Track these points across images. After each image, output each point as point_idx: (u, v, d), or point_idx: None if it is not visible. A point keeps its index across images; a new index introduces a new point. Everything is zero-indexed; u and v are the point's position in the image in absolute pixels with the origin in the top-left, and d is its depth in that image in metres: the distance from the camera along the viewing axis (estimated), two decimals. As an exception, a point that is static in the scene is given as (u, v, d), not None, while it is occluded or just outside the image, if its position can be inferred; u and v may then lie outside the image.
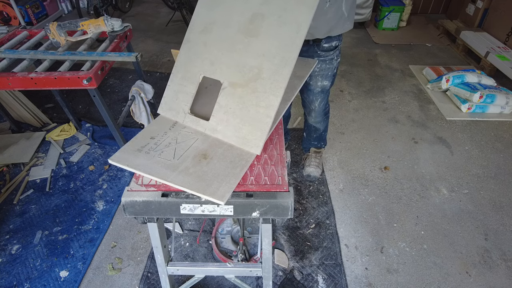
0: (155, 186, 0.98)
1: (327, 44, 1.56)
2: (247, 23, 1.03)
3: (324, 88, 1.73)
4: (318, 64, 1.62)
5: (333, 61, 1.64)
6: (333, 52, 1.61)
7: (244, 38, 1.03)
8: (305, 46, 1.55)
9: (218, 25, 1.08)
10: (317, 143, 2.15)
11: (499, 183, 2.14)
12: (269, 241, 1.14)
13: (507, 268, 1.68)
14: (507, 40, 3.37)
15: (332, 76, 1.71)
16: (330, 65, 1.64)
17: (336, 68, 1.69)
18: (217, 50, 1.08)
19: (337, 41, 1.58)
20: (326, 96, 1.82)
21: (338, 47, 1.62)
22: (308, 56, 1.60)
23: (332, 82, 1.75)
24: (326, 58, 1.61)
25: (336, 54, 1.64)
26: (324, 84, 1.71)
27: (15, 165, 2.26)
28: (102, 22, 1.86)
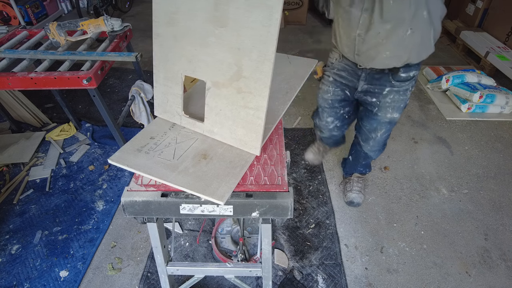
0: (155, 186, 0.98)
1: (404, 74, 1.36)
2: (213, 10, 0.91)
3: (393, 120, 1.53)
4: (390, 95, 1.43)
5: (408, 92, 1.44)
6: (409, 83, 1.40)
7: (214, 29, 0.93)
8: (378, 73, 1.40)
9: (183, 14, 0.97)
10: (363, 169, 1.96)
11: (499, 183, 2.14)
12: (269, 241, 1.14)
13: (506, 268, 1.68)
14: (507, 40, 3.37)
15: (402, 108, 1.51)
16: (403, 96, 1.44)
17: (406, 101, 1.48)
18: (190, 46, 1.00)
19: (416, 71, 1.38)
20: (391, 128, 1.61)
21: (415, 77, 1.41)
22: (380, 85, 1.43)
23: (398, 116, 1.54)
24: (400, 89, 1.41)
25: (412, 85, 1.43)
26: (394, 116, 1.51)
27: (15, 165, 2.26)
28: (102, 22, 1.86)
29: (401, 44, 1.22)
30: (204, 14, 0.93)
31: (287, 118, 2.72)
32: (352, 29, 1.28)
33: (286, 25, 4.44)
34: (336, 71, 1.53)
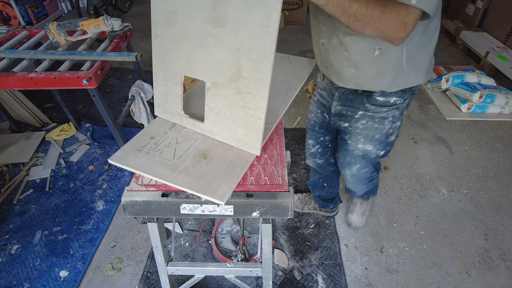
0: (155, 186, 0.98)
1: (381, 98, 1.15)
2: (211, 10, 0.90)
3: (367, 153, 1.30)
4: (362, 120, 1.22)
5: (385, 121, 1.20)
6: (388, 110, 1.18)
7: (213, 29, 0.92)
8: (352, 93, 1.21)
9: (181, 14, 0.96)
10: (364, 195, 1.66)
11: (498, 183, 2.14)
12: (269, 241, 1.14)
13: (506, 268, 1.68)
14: (506, 40, 3.37)
15: (381, 142, 1.26)
16: (379, 125, 1.21)
17: (389, 132, 1.24)
18: (189, 46, 0.99)
19: (398, 98, 1.15)
20: (369, 164, 1.37)
21: (397, 106, 1.18)
22: (353, 107, 1.23)
23: (383, 151, 1.30)
24: (375, 115, 1.19)
25: (393, 115, 1.19)
26: (367, 148, 1.28)
27: (15, 165, 2.26)
28: (102, 22, 1.86)
29: (368, 63, 1.07)
30: (202, 14, 0.93)
31: (287, 118, 2.72)
32: (318, 37, 1.16)
33: (286, 25, 4.44)
34: (320, 90, 1.38)
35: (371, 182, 1.51)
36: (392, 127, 1.23)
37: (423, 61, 1.09)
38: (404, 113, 1.24)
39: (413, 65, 1.08)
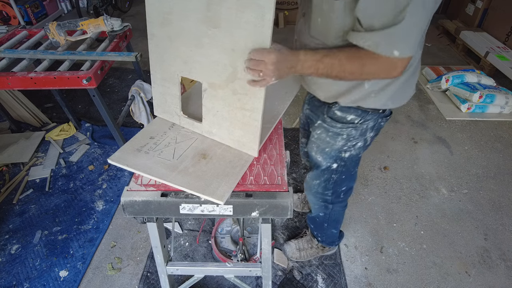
0: (155, 186, 0.98)
1: (339, 113, 1.09)
2: (205, 10, 0.89)
3: (318, 165, 1.24)
4: (318, 130, 1.18)
5: (338, 137, 1.13)
6: (343, 127, 1.10)
7: (208, 30, 0.92)
8: (317, 101, 1.16)
9: (176, 15, 0.95)
10: (313, 228, 1.59)
11: (498, 183, 2.14)
12: (269, 241, 1.14)
13: (506, 268, 1.68)
14: (506, 40, 3.37)
15: (331, 156, 1.19)
16: (331, 139, 1.15)
17: (342, 149, 1.15)
18: (185, 47, 0.99)
19: (356, 117, 1.07)
20: (320, 177, 1.27)
21: (355, 126, 1.09)
22: (316, 114, 1.21)
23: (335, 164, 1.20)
24: (330, 129, 1.13)
25: (348, 133, 1.11)
26: (318, 159, 1.22)
27: (15, 165, 2.26)
28: (101, 21, 1.86)
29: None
30: (196, 15, 0.92)
31: (286, 118, 2.72)
32: (296, 35, 1.12)
33: (286, 25, 4.44)
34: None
35: (324, 205, 1.39)
36: (347, 145, 1.14)
37: (389, 86, 0.99)
38: (368, 135, 1.13)
39: (375, 86, 0.99)
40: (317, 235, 1.61)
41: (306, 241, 1.70)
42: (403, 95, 1.05)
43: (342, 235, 1.67)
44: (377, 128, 1.14)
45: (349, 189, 1.36)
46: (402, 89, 1.02)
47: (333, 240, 1.61)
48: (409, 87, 1.05)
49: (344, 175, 1.25)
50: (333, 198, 1.36)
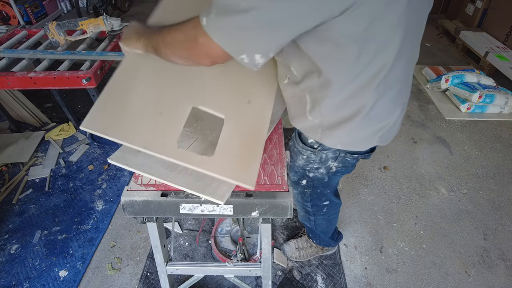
0: (155, 185, 0.98)
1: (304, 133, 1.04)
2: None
3: (290, 175, 1.23)
4: (291, 141, 1.19)
5: (299, 156, 1.12)
6: (303, 149, 1.08)
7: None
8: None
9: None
10: (308, 230, 1.62)
11: (498, 183, 2.15)
12: (269, 241, 1.14)
13: (506, 268, 1.68)
14: (506, 40, 3.37)
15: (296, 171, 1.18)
16: (294, 155, 1.15)
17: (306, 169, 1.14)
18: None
19: (316, 143, 1.03)
20: (297, 188, 1.26)
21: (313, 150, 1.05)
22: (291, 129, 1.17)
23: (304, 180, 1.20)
24: (295, 145, 1.12)
25: (308, 155, 1.08)
26: (290, 173, 1.22)
27: (14, 165, 2.25)
28: (101, 21, 1.86)
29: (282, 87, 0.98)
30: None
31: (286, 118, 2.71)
32: None
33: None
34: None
35: (306, 216, 1.39)
36: (309, 166, 1.11)
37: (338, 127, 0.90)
38: (330, 164, 1.07)
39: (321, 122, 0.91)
40: (312, 237, 1.62)
41: (305, 240, 1.70)
42: (357, 142, 0.96)
43: (340, 237, 1.66)
44: (343, 161, 1.06)
45: (333, 204, 1.32)
46: (354, 135, 0.92)
47: (328, 243, 1.62)
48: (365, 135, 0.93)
49: (317, 193, 1.23)
50: (314, 211, 1.34)
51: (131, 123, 0.78)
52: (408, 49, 0.79)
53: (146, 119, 0.79)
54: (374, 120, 0.89)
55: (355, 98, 0.82)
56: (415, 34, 0.80)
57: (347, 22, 0.65)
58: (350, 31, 0.67)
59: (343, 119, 0.88)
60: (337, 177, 1.16)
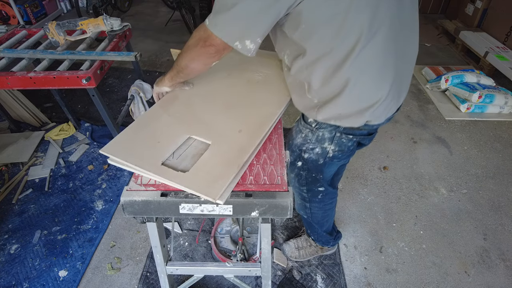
0: (154, 185, 0.98)
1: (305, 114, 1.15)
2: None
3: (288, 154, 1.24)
4: (296, 122, 1.26)
5: (298, 134, 1.19)
6: (303, 126, 1.16)
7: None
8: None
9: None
10: (306, 227, 1.64)
11: (497, 183, 2.15)
12: (268, 241, 1.14)
13: (505, 268, 1.68)
14: (506, 40, 3.37)
15: (292, 151, 1.23)
16: (294, 133, 1.22)
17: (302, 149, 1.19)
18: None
19: (314, 122, 1.11)
20: (293, 171, 1.30)
21: (311, 128, 1.13)
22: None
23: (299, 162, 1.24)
24: (298, 123, 1.21)
25: (306, 134, 1.15)
26: (287, 149, 1.25)
27: (14, 165, 2.25)
28: (101, 21, 1.86)
29: (285, 74, 1.12)
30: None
31: (286, 118, 2.72)
32: None
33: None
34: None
35: (302, 203, 1.41)
36: (305, 146, 1.17)
37: (327, 102, 1.00)
38: (326, 145, 1.12)
39: (318, 100, 1.02)
40: (310, 234, 1.63)
41: (304, 239, 1.71)
42: (350, 117, 1.02)
43: (338, 236, 1.66)
44: (338, 143, 1.11)
45: (328, 193, 1.34)
46: (346, 109, 1.00)
47: (327, 240, 1.61)
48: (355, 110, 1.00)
49: (313, 176, 1.26)
50: (309, 197, 1.37)
51: (134, 149, 1.01)
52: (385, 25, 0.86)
53: (146, 146, 1.03)
54: (361, 95, 0.96)
55: (337, 73, 0.92)
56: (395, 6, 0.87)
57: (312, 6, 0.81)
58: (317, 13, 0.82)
59: (333, 95, 0.98)
60: (333, 164, 1.20)
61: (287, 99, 1.21)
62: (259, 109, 1.16)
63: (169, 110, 1.18)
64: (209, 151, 1.01)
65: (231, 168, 0.95)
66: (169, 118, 1.14)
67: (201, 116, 1.14)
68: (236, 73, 1.36)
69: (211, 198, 0.87)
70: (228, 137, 1.05)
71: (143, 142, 1.05)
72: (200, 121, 1.12)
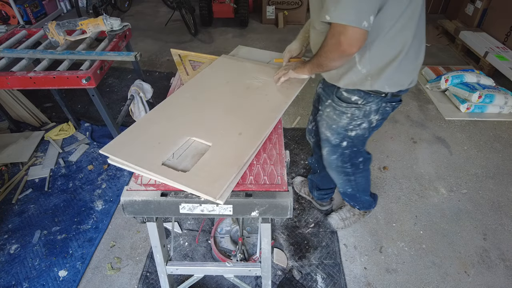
0: (154, 185, 0.98)
1: (345, 94, 1.23)
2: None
3: (328, 139, 1.39)
4: (328, 108, 1.33)
5: (343, 116, 1.27)
6: (347, 107, 1.24)
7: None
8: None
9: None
10: (348, 200, 1.76)
11: (497, 183, 2.15)
12: (268, 241, 1.14)
13: (505, 268, 1.69)
14: (506, 40, 3.37)
15: (338, 133, 1.33)
16: (337, 117, 1.29)
17: (348, 128, 1.29)
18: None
19: (359, 98, 1.21)
20: (336, 152, 1.41)
21: (358, 106, 1.22)
22: (327, 94, 1.35)
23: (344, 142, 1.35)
24: (337, 107, 1.28)
25: (352, 112, 1.24)
26: (327, 134, 1.37)
27: (14, 165, 2.25)
28: (101, 21, 1.86)
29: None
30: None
31: (286, 118, 2.72)
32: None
33: (285, 24, 4.44)
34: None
35: (347, 178, 1.53)
36: (352, 124, 1.28)
37: (384, 70, 1.11)
38: (372, 117, 1.25)
39: (368, 70, 1.12)
40: (354, 205, 1.78)
41: (347, 210, 1.85)
42: (400, 80, 1.16)
43: (376, 196, 1.87)
44: (382, 112, 1.26)
45: (366, 159, 1.50)
46: (397, 74, 1.13)
47: (369, 203, 1.79)
48: (405, 73, 1.16)
49: (355, 151, 1.40)
50: (353, 171, 1.50)
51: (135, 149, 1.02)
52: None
53: (147, 146, 1.04)
54: (412, 58, 1.13)
55: (399, 36, 1.04)
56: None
57: None
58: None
59: (389, 61, 1.09)
60: (373, 131, 1.36)
61: (286, 104, 1.24)
62: (259, 113, 1.19)
63: (169, 113, 1.19)
64: (209, 152, 1.02)
65: (231, 169, 0.95)
66: (170, 120, 1.15)
67: (202, 119, 1.16)
68: (236, 80, 1.38)
69: (211, 198, 0.87)
70: (228, 139, 1.06)
71: (143, 142, 1.06)
72: (200, 123, 1.14)
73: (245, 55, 1.64)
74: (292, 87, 1.33)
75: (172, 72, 3.26)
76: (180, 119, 1.17)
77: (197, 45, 3.97)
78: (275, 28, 4.36)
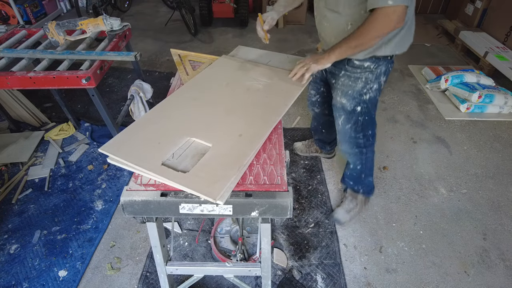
0: (154, 185, 0.98)
1: (358, 62, 1.40)
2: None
3: (344, 106, 1.52)
4: (342, 78, 1.48)
5: (358, 81, 1.44)
6: (361, 72, 1.42)
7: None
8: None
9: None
10: (353, 184, 1.83)
11: (497, 183, 2.15)
12: (268, 241, 1.14)
13: (505, 268, 1.69)
14: (506, 40, 3.37)
15: (353, 98, 1.48)
16: (353, 83, 1.45)
17: (362, 92, 1.46)
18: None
19: (371, 63, 1.39)
20: (351, 120, 1.55)
21: (370, 70, 1.41)
22: (339, 68, 1.48)
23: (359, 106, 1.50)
24: (351, 75, 1.44)
25: (366, 76, 1.42)
26: (343, 102, 1.51)
27: (14, 165, 2.25)
28: (101, 21, 1.86)
29: (344, 35, 1.28)
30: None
31: (286, 118, 2.72)
32: (315, 11, 1.47)
33: (285, 24, 4.44)
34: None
35: (359, 150, 1.66)
36: (366, 87, 1.45)
37: (395, 36, 1.31)
38: (381, 79, 1.45)
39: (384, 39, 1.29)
40: (358, 189, 1.84)
41: (349, 201, 1.88)
42: (405, 42, 1.37)
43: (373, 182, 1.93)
44: (387, 73, 1.46)
45: (374, 134, 1.66)
46: (404, 37, 1.34)
47: (371, 187, 1.87)
48: (409, 36, 1.36)
49: (367, 117, 1.55)
50: (365, 141, 1.63)
51: (134, 148, 1.03)
52: None
53: (146, 146, 1.04)
54: (411, 28, 1.35)
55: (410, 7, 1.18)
56: None
57: None
58: None
59: (397, 30, 1.28)
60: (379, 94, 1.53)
61: (287, 107, 1.24)
62: (259, 116, 1.19)
63: (169, 113, 1.19)
64: (209, 153, 1.02)
65: (231, 169, 0.95)
66: (170, 120, 1.16)
67: (202, 120, 1.16)
68: (237, 81, 1.38)
69: (211, 198, 0.87)
70: (229, 140, 1.06)
71: (143, 142, 1.06)
72: (201, 124, 1.14)
73: (245, 55, 1.65)
74: (292, 89, 1.33)
75: (172, 72, 3.25)
76: (180, 119, 1.17)
77: (197, 45, 3.97)
78: (275, 28, 4.35)
